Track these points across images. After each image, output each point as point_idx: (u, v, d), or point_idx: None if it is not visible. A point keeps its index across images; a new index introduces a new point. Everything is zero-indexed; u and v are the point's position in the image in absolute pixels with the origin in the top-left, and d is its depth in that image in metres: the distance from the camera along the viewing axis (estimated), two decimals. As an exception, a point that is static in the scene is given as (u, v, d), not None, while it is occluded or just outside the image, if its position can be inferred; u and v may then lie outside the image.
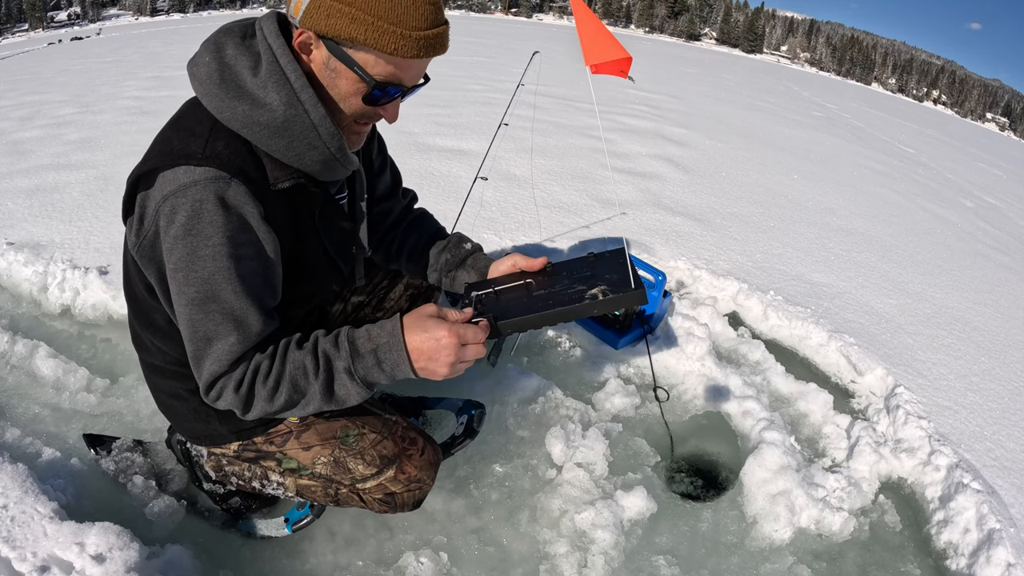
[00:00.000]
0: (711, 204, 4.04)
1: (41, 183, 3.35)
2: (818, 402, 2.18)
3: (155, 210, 0.98)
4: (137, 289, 1.15)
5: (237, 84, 0.98)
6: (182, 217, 0.95)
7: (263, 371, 1.01)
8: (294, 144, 1.02)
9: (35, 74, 9.47)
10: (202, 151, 0.96)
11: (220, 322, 1.00)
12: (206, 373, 1.02)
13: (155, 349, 1.21)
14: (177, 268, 0.98)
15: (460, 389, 1.97)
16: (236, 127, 0.99)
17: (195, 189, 0.95)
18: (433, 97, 6.50)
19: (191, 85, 1.03)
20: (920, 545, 1.79)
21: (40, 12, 67.30)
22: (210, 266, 0.97)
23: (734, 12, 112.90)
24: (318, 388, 1.01)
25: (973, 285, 3.63)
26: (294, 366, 1.01)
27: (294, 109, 0.99)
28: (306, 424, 1.29)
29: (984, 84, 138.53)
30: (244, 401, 1.03)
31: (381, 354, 1.01)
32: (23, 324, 2.29)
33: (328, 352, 1.02)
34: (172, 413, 1.31)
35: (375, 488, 1.29)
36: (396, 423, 1.34)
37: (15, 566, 1.18)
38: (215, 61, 1.00)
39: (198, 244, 0.96)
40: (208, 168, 0.95)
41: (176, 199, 0.95)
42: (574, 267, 1.24)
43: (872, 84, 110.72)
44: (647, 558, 1.61)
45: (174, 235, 0.96)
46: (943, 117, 41.26)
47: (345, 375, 1.01)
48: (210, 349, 1.01)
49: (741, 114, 9.45)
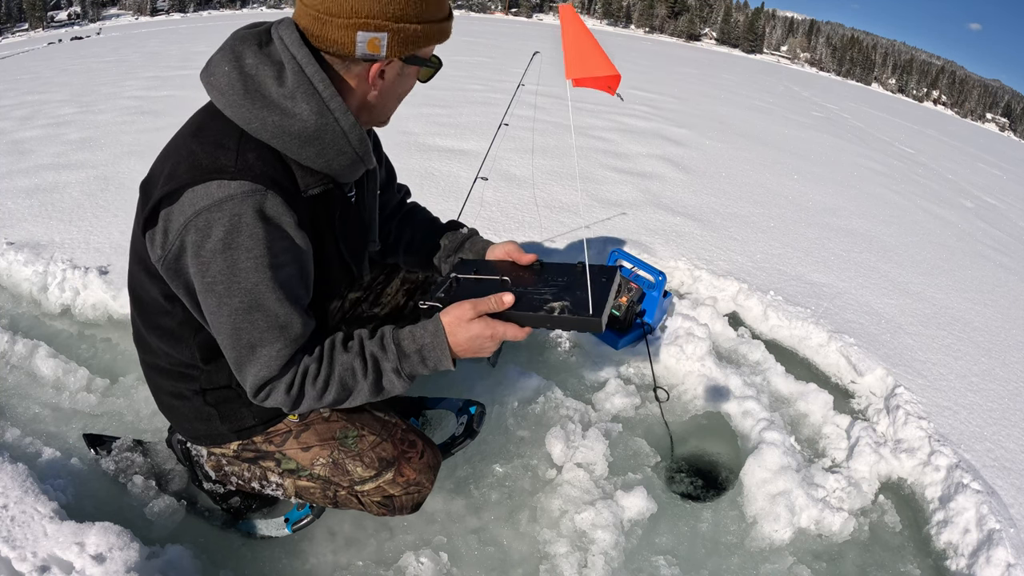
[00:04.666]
0: (711, 204, 4.04)
1: (41, 183, 3.35)
2: (818, 402, 2.18)
3: (183, 225, 0.97)
4: (147, 293, 1.15)
5: (263, 94, 0.99)
6: (219, 232, 0.96)
7: (312, 373, 1.07)
8: (324, 151, 1.05)
9: (35, 74, 9.46)
10: (234, 164, 0.97)
11: (265, 330, 1.02)
12: (253, 378, 1.05)
13: (160, 351, 1.21)
14: (216, 281, 0.99)
15: (460, 389, 1.97)
16: (266, 137, 1.00)
17: (232, 203, 0.95)
18: (433, 97, 6.50)
19: (209, 95, 1.02)
20: (920, 545, 1.79)
21: (40, 12, 67.32)
22: (253, 277, 0.99)
23: (734, 12, 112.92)
24: (367, 386, 1.10)
25: (973, 285, 3.63)
26: (343, 368, 1.08)
27: (324, 118, 1.02)
28: (306, 424, 1.29)
29: (984, 84, 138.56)
30: (294, 401, 1.08)
31: (426, 352, 1.10)
32: (23, 324, 2.29)
33: (376, 354, 1.10)
34: (173, 413, 1.31)
35: (373, 491, 1.29)
36: (395, 425, 1.34)
37: (15, 566, 1.18)
38: (235, 71, 0.99)
39: (238, 257, 0.98)
40: (243, 182, 0.96)
41: (211, 214, 0.95)
42: (557, 272, 1.22)
43: (872, 84, 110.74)
44: (647, 558, 1.61)
45: (211, 249, 0.97)
46: (943, 117, 41.26)
47: (393, 374, 1.10)
48: (255, 356, 1.04)
49: (741, 114, 9.45)
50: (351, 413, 1.31)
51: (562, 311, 1.08)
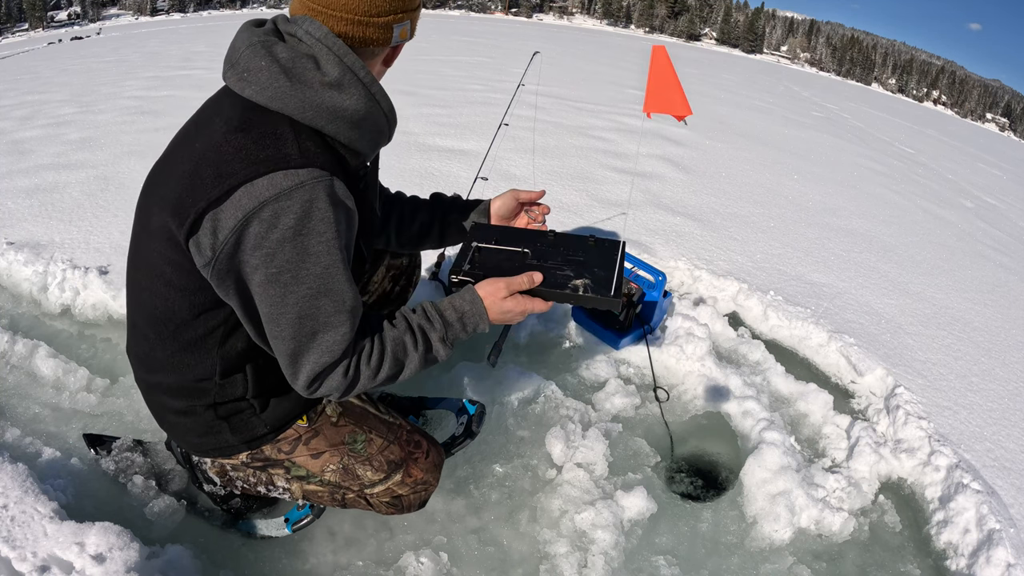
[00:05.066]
0: (711, 204, 4.04)
1: (41, 183, 3.34)
2: (818, 402, 2.18)
3: (241, 220, 0.95)
4: (168, 308, 1.10)
5: (310, 83, 1.00)
6: (290, 219, 0.96)
7: (366, 353, 1.09)
8: (367, 132, 1.09)
9: (35, 74, 9.46)
10: (298, 152, 0.98)
11: (332, 313, 1.03)
12: (312, 366, 1.05)
13: (171, 368, 1.17)
14: (284, 270, 0.99)
15: (460, 389, 1.97)
16: (319, 124, 1.02)
17: (303, 190, 0.96)
18: (433, 97, 6.51)
19: (243, 92, 1.01)
20: (920, 545, 1.79)
21: (40, 12, 67.31)
22: (324, 260, 1.00)
23: (734, 12, 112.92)
24: (417, 358, 1.13)
25: (973, 285, 3.64)
26: (395, 343, 1.12)
27: (371, 102, 1.06)
28: (315, 430, 1.28)
29: (984, 84, 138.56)
30: (350, 383, 1.08)
31: (466, 319, 1.17)
32: (23, 324, 2.29)
33: (423, 326, 1.15)
34: (178, 429, 1.27)
35: (383, 492, 1.33)
36: (400, 427, 1.36)
37: (15, 566, 1.18)
38: (275, 63, 1.00)
39: (309, 242, 0.98)
40: (312, 168, 0.98)
41: (279, 204, 0.95)
42: (572, 245, 1.29)
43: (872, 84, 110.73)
44: (647, 558, 1.61)
45: (278, 239, 0.96)
46: (943, 117, 41.26)
47: (439, 343, 1.15)
48: (316, 343, 1.04)
49: (741, 114, 9.45)
50: (358, 417, 1.32)
51: (585, 290, 1.18)
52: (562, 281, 1.20)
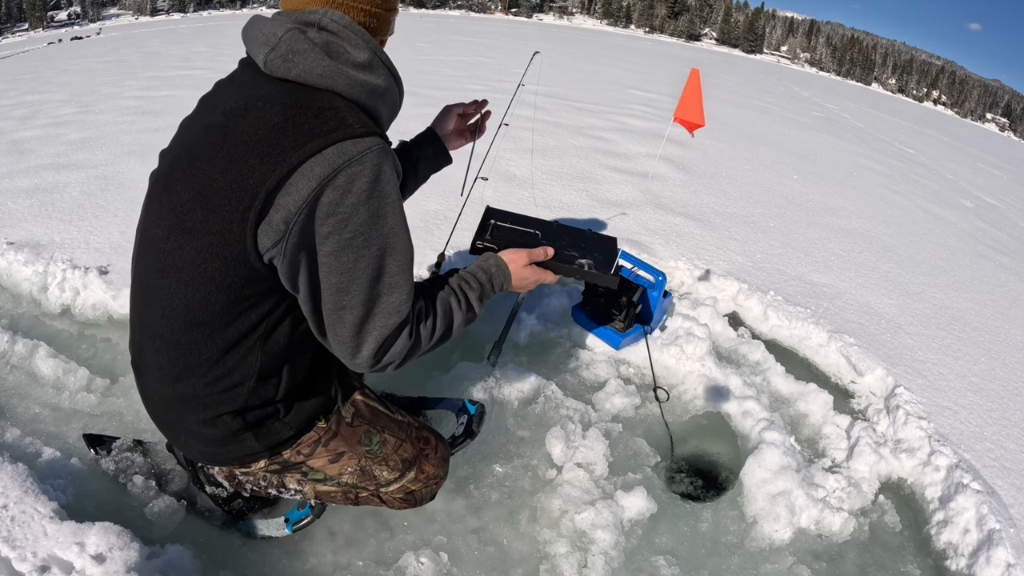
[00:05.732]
0: (711, 204, 4.04)
1: (41, 183, 3.34)
2: (818, 402, 2.18)
3: (315, 188, 0.98)
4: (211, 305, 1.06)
5: (348, 63, 1.07)
6: (363, 183, 1.00)
7: (423, 315, 1.16)
8: (390, 109, 1.18)
9: (35, 73, 9.46)
10: (359, 123, 1.03)
11: (396, 273, 1.08)
12: (380, 331, 1.08)
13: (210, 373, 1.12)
14: (357, 234, 1.02)
15: (460, 389, 1.97)
16: (362, 99, 1.09)
17: (371, 155, 1.01)
18: (433, 97, 6.51)
19: (288, 74, 1.04)
20: (920, 545, 1.79)
21: (40, 12, 67.30)
22: (391, 220, 1.06)
23: (734, 12, 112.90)
24: (460, 316, 1.22)
25: (973, 285, 3.64)
26: (443, 304, 1.20)
27: (391, 81, 1.15)
28: (332, 431, 1.27)
29: (984, 84, 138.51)
30: (412, 345, 1.13)
31: (495, 280, 1.29)
32: (23, 324, 2.29)
33: (462, 287, 1.24)
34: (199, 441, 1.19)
35: (397, 490, 1.36)
36: (409, 424, 1.38)
37: (15, 566, 1.18)
38: (312, 44, 1.04)
39: (379, 205, 1.03)
40: (374, 137, 1.03)
41: (351, 169, 0.99)
42: (572, 234, 1.53)
43: (872, 84, 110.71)
44: (647, 558, 1.61)
45: (353, 203, 1.00)
46: (943, 117, 41.25)
47: (476, 301, 1.25)
48: (382, 306, 1.08)
49: (741, 114, 9.45)
50: (370, 416, 1.32)
51: (588, 267, 1.40)
52: (569, 258, 1.40)
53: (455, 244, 2.61)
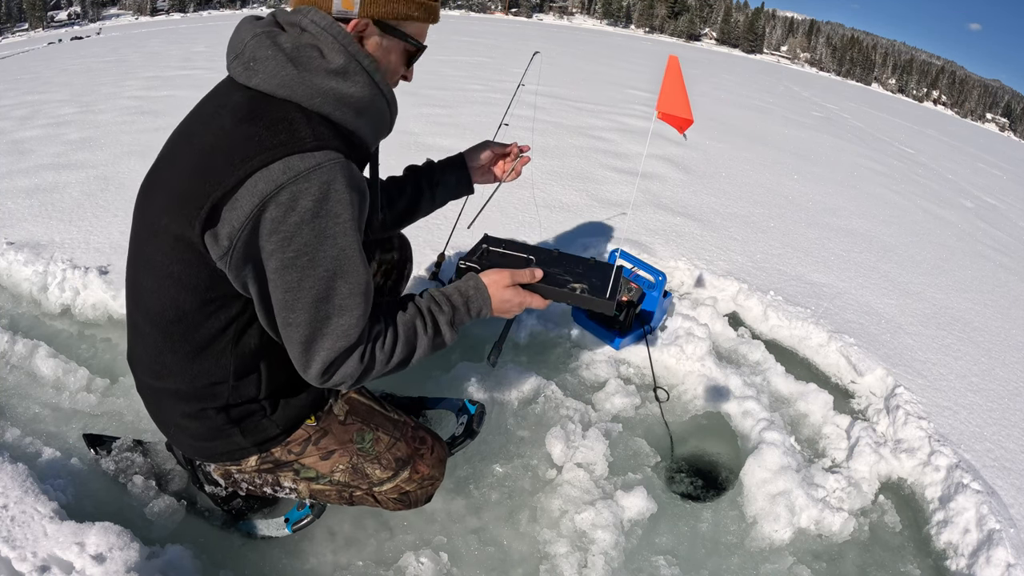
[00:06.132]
0: (711, 204, 4.04)
1: (41, 183, 3.34)
2: (818, 402, 2.18)
3: (257, 204, 0.95)
4: (179, 309, 1.08)
5: (317, 70, 1.01)
6: (308, 202, 0.96)
7: (381, 339, 1.10)
8: (372, 120, 1.11)
9: (35, 74, 9.46)
10: (312, 136, 0.98)
11: (347, 296, 1.03)
12: (327, 352, 1.04)
13: (183, 372, 1.15)
14: (301, 253, 0.98)
15: (460, 389, 1.97)
16: (327, 110, 1.03)
17: (320, 172, 0.96)
18: (433, 97, 6.51)
19: (249, 82, 1.02)
20: (920, 545, 1.79)
21: (40, 12, 67.31)
22: (340, 242, 1.00)
23: (734, 12, 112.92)
24: (427, 341, 1.16)
25: (973, 285, 3.64)
26: (405, 328, 1.14)
27: (374, 90, 1.08)
28: (323, 429, 1.28)
29: (984, 84, 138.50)
30: (365, 369, 1.09)
31: (471, 303, 1.22)
32: (23, 324, 2.29)
33: (432, 310, 1.18)
34: (187, 435, 1.23)
35: (391, 490, 1.34)
36: (405, 424, 1.37)
37: (15, 566, 1.18)
38: (280, 52, 1.00)
39: (327, 224, 0.98)
40: (327, 151, 0.98)
41: (296, 186, 0.95)
42: (573, 261, 1.44)
43: (872, 84, 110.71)
44: (647, 558, 1.61)
45: (295, 222, 0.96)
46: (943, 117, 41.25)
47: (447, 326, 1.18)
48: (329, 327, 1.04)
49: (741, 114, 9.45)
50: (364, 414, 1.32)
51: (582, 291, 1.29)
52: (561, 283, 1.31)
53: (455, 244, 2.61)
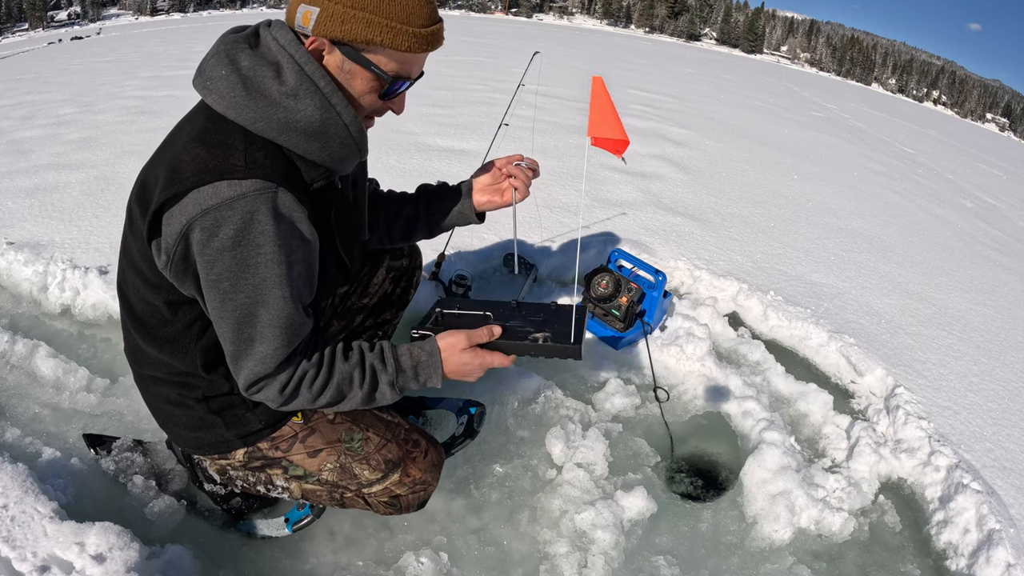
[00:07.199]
0: (711, 204, 4.04)
1: (41, 183, 3.34)
2: (818, 402, 2.18)
3: (185, 225, 0.96)
4: (146, 304, 1.14)
5: (265, 93, 0.99)
6: (229, 230, 0.96)
7: (309, 377, 1.09)
8: (328, 144, 1.06)
9: (35, 73, 9.46)
10: (243, 163, 0.97)
11: (267, 326, 1.03)
12: (248, 373, 1.06)
13: (159, 362, 1.20)
14: (222, 278, 0.99)
15: (460, 389, 1.97)
16: (271, 135, 1.01)
17: (244, 202, 0.96)
18: (433, 97, 6.51)
19: (206, 99, 1.02)
20: (920, 545, 1.79)
21: (40, 12, 67.32)
22: (262, 272, 1.00)
23: (734, 12, 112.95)
24: (360, 395, 1.13)
25: (973, 285, 3.64)
26: (341, 376, 1.11)
27: (328, 112, 1.03)
28: (311, 428, 1.28)
29: (984, 84, 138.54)
30: (286, 399, 1.09)
31: (420, 369, 1.16)
32: (23, 324, 2.29)
33: (375, 366, 1.14)
34: (174, 422, 1.27)
35: (381, 492, 1.32)
36: (399, 425, 1.35)
37: (15, 566, 1.18)
38: (234, 73, 1.00)
39: (248, 254, 0.98)
40: (255, 180, 0.97)
41: (220, 213, 0.95)
42: (533, 309, 1.32)
43: (872, 84, 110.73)
44: (647, 558, 1.61)
45: (217, 248, 0.97)
46: (943, 117, 41.26)
47: (387, 386, 1.14)
48: (252, 351, 1.04)
49: (741, 114, 9.45)
50: (355, 414, 1.31)
51: (544, 340, 1.19)
52: (522, 335, 1.22)
53: (455, 244, 2.61)
